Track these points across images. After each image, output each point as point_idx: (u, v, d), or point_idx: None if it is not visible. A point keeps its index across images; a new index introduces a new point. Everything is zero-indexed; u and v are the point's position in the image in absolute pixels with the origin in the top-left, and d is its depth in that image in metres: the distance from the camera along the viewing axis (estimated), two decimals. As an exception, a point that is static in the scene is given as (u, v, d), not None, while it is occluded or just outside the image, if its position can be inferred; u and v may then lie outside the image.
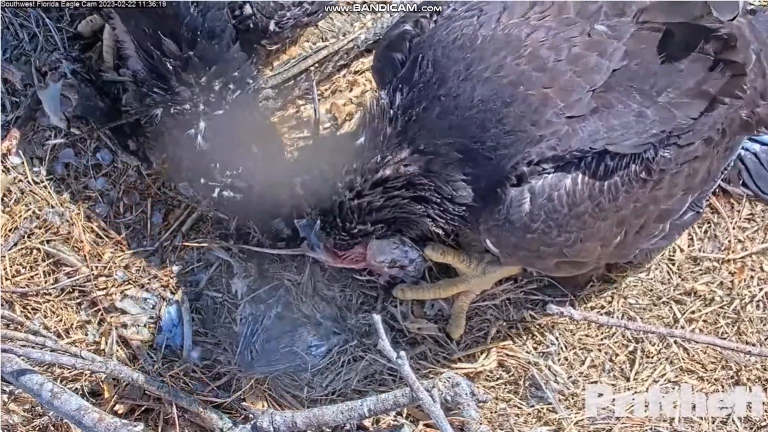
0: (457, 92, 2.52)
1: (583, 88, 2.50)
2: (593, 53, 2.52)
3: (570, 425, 2.97)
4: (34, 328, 3.04)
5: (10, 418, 2.99)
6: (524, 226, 2.55)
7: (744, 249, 3.18)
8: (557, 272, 2.83)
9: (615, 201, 2.57)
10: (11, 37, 3.35)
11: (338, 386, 3.01)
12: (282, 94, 3.27)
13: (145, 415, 2.98)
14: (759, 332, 3.10)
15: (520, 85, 2.49)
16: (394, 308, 3.08)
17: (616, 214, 2.60)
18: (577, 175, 2.52)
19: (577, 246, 2.63)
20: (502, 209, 2.53)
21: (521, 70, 2.50)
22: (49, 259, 3.15)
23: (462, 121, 2.52)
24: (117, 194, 3.23)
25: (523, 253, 2.65)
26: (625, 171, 2.55)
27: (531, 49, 2.52)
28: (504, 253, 2.67)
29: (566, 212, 2.54)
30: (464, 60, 2.54)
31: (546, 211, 2.53)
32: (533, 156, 2.50)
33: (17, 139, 3.25)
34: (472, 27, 2.58)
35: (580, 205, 2.55)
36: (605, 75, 2.51)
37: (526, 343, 3.09)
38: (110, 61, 3.26)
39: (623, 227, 2.66)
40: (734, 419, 2.99)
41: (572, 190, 2.53)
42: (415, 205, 2.61)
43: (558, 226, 2.57)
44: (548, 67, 2.50)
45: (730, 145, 2.78)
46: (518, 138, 2.49)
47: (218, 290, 3.14)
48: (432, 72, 2.57)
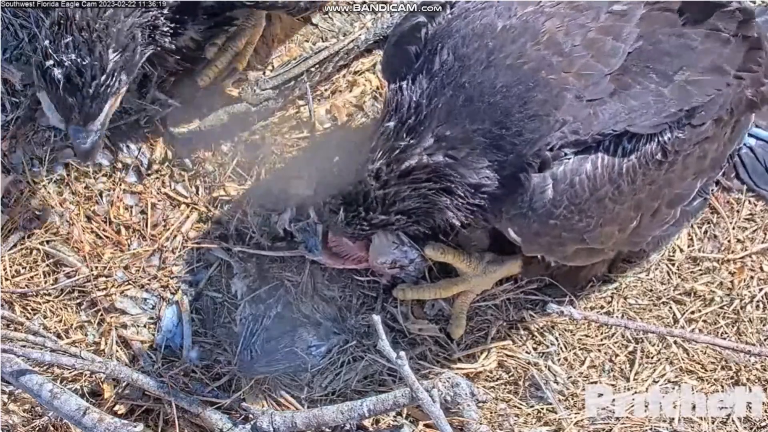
0: (481, 79, 2.54)
1: (600, 72, 2.52)
2: (608, 37, 2.55)
3: (570, 425, 2.97)
4: (34, 329, 3.04)
5: (10, 418, 2.99)
6: (547, 212, 2.55)
7: (744, 249, 3.18)
8: (574, 260, 2.82)
9: (633, 183, 2.59)
10: (11, 37, 3.35)
11: (338, 386, 3.01)
12: (282, 95, 3.27)
13: (144, 416, 2.98)
14: (759, 332, 3.10)
15: (541, 70, 2.52)
16: (394, 309, 3.08)
17: (634, 197, 2.62)
18: (597, 159, 2.54)
19: (596, 231, 2.63)
20: (525, 197, 2.54)
21: (541, 55, 2.53)
22: (49, 260, 3.15)
23: (487, 107, 2.53)
24: (117, 194, 3.23)
25: (545, 240, 2.64)
26: (642, 152, 2.57)
27: (549, 35, 2.54)
28: (526, 241, 2.66)
29: (588, 197, 2.55)
30: (486, 48, 2.56)
31: (568, 197, 2.54)
32: (555, 141, 2.51)
33: (17, 139, 3.25)
34: (489, 17, 2.60)
35: (600, 189, 2.56)
36: (621, 58, 2.54)
37: (526, 343, 3.09)
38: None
39: (640, 211, 2.67)
40: (734, 419, 2.99)
41: (593, 174, 2.54)
42: (440, 196, 2.61)
43: (580, 212, 2.57)
44: (566, 51, 2.53)
45: (736, 127, 2.81)
46: (542, 122, 2.51)
47: (218, 290, 3.14)
48: (453, 60, 2.58)
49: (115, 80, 2.82)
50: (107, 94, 2.82)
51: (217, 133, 3.25)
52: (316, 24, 3.43)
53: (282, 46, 3.39)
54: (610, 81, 2.53)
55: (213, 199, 3.22)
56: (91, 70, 2.76)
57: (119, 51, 2.81)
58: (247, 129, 3.27)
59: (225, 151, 3.27)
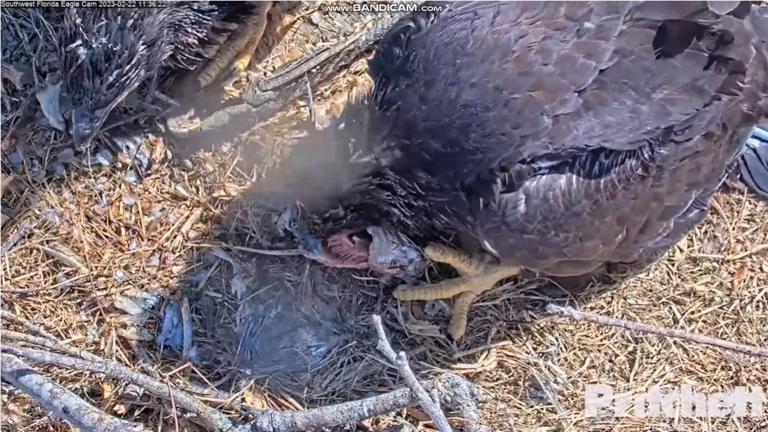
0: (443, 98, 2.56)
1: (568, 89, 2.52)
2: (580, 54, 2.55)
3: (570, 426, 2.97)
4: (34, 329, 3.03)
5: (10, 418, 2.99)
6: (521, 227, 2.56)
7: (744, 249, 3.18)
8: (559, 272, 2.84)
9: (613, 198, 2.58)
10: (11, 37, 3.35)
11: (338, 386, 3.01)
12: (283, 96, 3.27)
13: (144, 415, 2.98)
14: (758, 333, 3.10)
15: (504, 89, 2.53)
16: (394, 309, 3.08)
17: (616, 211, 2.61)
18: (572, 175, 2.54)
19: (576, 245, 2.64)
20: (497, 211, 2.55)
21: (506, 75, 2.54)
22: (49, 260, 3.15)
23: (442, 126, 2.56)
24: (117, 194, 3.23)
25: (522, 254, 2.66)
26: (621, 167, 2.56)
27: (518, 54, 2.55)
28: (503, 254, 2.69)
29: (563, 211, 2.56)
30: (454, 65, 2.58)
31: (542, 212, 2.55)
32: (525, 155, 2.51)
33: (17, 139, 3.25)
34: (465, 30, 2.62)
35: (576, 204, 2.56)
36: (592, 75, 2.54)
37: (526, 343, 3.09)
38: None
39: (624, 225, 2.67)
40: (734, 419, 2.99)
41: (567, 189, 2.54)
42: (382, 192, 2.67)
43: (555, 227, 2.58)
44: (534, 71, 2.54)
45: (734, 138, 2.80)
46: (499, 141, 2.52)
47: (218, 290, 3.14)
48: (422, 72, 2.61)
49: (136, 73, 2.81)
50: (125, 85, 2.81)
51: (218, 134, 3.25)
52: (317, 24, 3.43)
53: (282, 46, 3.40)
54: (580, 97, 2.52)
55: (213, 199, 3.22)
56: (118, 59, 2.75)
57: (148, 45, 2.81)
58: (248, 129, 3.27)
59: (225, 151, 3.27)
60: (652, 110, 2.55)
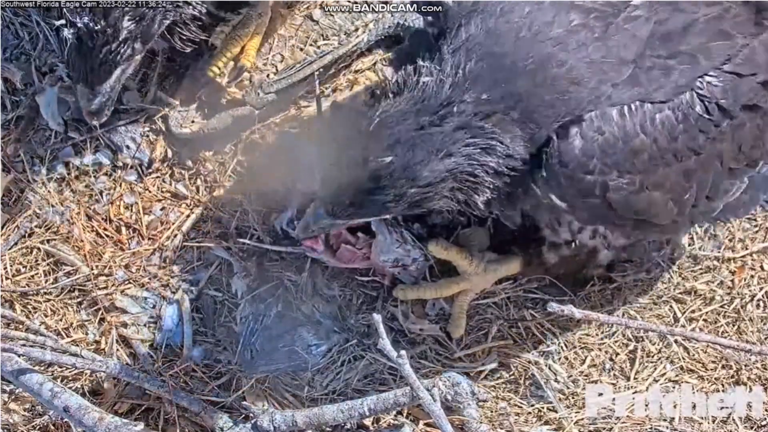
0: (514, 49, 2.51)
1: (621, 61, 2.50)
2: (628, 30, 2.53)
3: (570, 424, 2.97)
4: (35, 328, 3.04)
5: (11, 417, 2.99)
6: (579, 164, 2.48)
7: (744, 248, 3.18)
8: (643, 234, 2.78)
9: (674, 141, 2.54)
10: (11, 36, 3.35)
11: (338, 385, 3.01)
12: (285, 99, 3.27)
13: (145, 415, 2.98)
14: (759, 331, 3.10)
15: (569, 51, 2.49)
16: (395, 308, 3.08)
17: (679, 163, 2.56)
18: (623, 107, 2.49)
19: (644, 195, 2.56)
20: (554, 154, 2.48)
21: (570, 39, 2.51)
22: (49, 259, 3.15)
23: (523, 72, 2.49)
24: (117, 193, 3.23)
25: (592, 202, 2.54)
26: (677, 103, 2.54)
27: (576, 22, 2.53)
28: (572, 204, 2.57)
29: (621, 146, 2.49)
30: (515, 24, 2.53)
31: (599, 145, 2.48)
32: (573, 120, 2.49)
33: (17, 138, 3.25)
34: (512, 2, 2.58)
35: (634, 138, 2.50)
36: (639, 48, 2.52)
37: (527, 342, 3.09)
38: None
39: (692, 180, 2.62)
40: (734, 418, 2.99)
41: (620, 121, 2.49)
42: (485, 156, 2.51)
43: (616, 164, 2.50)
44: (591, 39, 2.51)
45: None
46: (571, 100, 2.48)
47: (218, 289, 3.14)
48: (482, 33, 2.54)
49: (128, 48, 2.79)
50: (117, 61, 2.79)
51: (219, 133, 3.25)
52: (317, 21, 3.42)
53: (283, 43, 3.39)
54: (628, 68, 2.50)
55: (213, 198, 3.22)
56: (102, 36, 2.73)
57: (135, 20, 2.77)
58: (248, 128, 3.27)
59: (225, 150, 3.26)
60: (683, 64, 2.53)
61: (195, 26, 3.02)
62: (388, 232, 2.96)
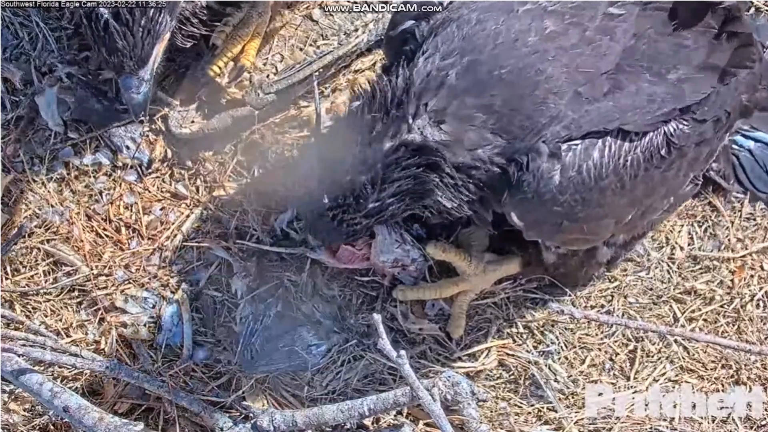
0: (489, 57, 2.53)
1: (598, 70, 2.53)
2: (605, 36, 2.55)
3: (570, 424, 2.97)
4: (34, 328, 3.04)
5: (11, 417, 3.00)
6: (553, 199, 2.55)
7: (744, 248, 3.18)
8: (569, 245, 2.83)
9: (634, 178, 2.60)
10: (11, 36, 3.35)
11: (338, 385, 3.01)
12: (285, 99, 3.27)
13: (145, 414, 2.99)
14: (759, 331, 3.10)
15: (546, 60, 2.52)
16: (394, 308, 3.08)
17: (634, 192, 2.63)
18: (605, 149, 2.54)
19: (595, 222, 2.65)
20: (531, 182, 2.53)
21: (546, 47, 2.53)
22: (49, 259, 3.16)
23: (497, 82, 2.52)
24: (117, 193, 3.23)
25: (547, 227, 2.64)
26: (647, 146, 2.58)
27: (551, 30, 2.54)
28: (528, 226, 2.65)
29: (592, 186, 2.55)
30: (492, 32, 2.55)
31: (575, 184, 2.54)
32: (548, 135, 2.51)
33: (17, 138, 3.25)
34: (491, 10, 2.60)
35: (605, 179, 2.56)
36: (616, 58, 2.54)
37: (526, 342, 3.08)
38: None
39: (634, 207, 2.69)
40: (734, 418, 2.99)
41: (600, 163, 2.54)
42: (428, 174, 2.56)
43: (583, 201, 2.57)
44: (567, 47, 2.54)
45: (730, 129, 2.85)
46: (549, 111, 2.51)
47: (218, 289, 3.14)
48: (458, 41, 2.57)
49: (163, 18, 2.81)
50: (158, 31, 2.80)
51: (218, 133, 3.25)
52: (317, 20, 3.42)
53: (283, 43, 3.39)
54: (605, 80, 2.53)
55: (213, 198, 3.22)
56: (141, 5, 2.74)
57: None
58: (248, 128, 3.27)
59: (225, 150, 3.27)
60: (668, 92, 2.57)
61: (196, 21, 3.03)
62: (387, 232, 2.96)
